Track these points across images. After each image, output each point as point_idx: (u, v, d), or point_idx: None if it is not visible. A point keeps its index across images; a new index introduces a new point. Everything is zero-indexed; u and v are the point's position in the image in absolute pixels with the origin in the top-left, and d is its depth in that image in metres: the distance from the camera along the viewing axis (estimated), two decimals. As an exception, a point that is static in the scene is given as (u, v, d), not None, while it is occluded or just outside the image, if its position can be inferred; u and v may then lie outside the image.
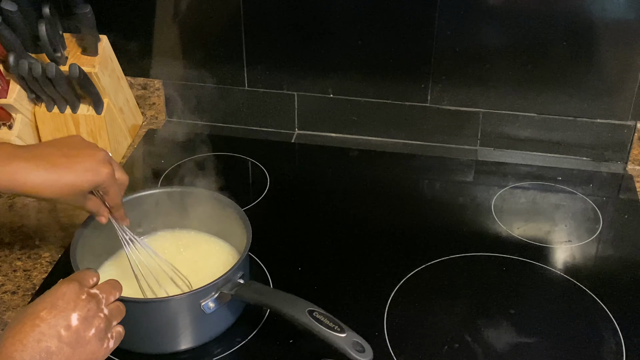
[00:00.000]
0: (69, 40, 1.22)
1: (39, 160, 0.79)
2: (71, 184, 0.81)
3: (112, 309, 0.74)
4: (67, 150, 0.82)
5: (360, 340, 0.80)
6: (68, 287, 0.70)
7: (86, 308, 0.70)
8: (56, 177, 0.79)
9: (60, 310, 0.68)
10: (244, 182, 1.24)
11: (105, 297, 0.73)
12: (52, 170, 0.79)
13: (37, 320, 0.66)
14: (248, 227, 0.93)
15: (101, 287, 0.74)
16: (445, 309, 0.96)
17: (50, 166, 0.79)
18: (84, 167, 0.81)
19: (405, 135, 1.33)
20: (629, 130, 1.25)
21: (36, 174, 0.78)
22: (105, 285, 0.75)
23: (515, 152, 1.30)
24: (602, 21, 1.16)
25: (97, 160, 0.83)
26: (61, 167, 0.80)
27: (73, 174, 0.80)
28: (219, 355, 0.89)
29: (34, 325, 0.66)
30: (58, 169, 0.80)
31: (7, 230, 1.09)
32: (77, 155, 0.82)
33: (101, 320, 0.71)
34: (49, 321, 0.67)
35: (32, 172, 0.78)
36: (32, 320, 0.66)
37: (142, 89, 1.36)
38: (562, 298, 0.99)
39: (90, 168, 0.82)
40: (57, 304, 0.68)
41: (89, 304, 0.70)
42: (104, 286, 0.74)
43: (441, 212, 1.16)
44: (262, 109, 1.35)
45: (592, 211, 1.16)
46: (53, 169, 0.79)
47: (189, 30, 1.29)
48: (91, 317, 0.70)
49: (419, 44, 1.22)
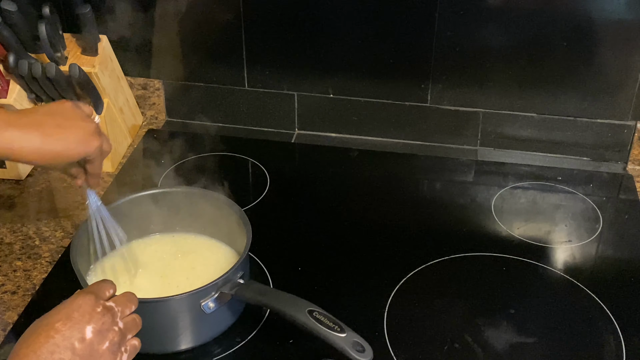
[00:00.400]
0: (69, 40, 1.22)
1: (34, 130, 0.83)
2: (63, 153, 0.85)
3: (128, 322, 0.73)
4: (61, 120, 0.86)
5: (360, 340, 0.80)
6: (84, 299, 0.70)
7: (101, 321, 0.69)
8: (49, 147, 0.83)
9: (75, 322, 0.68)
10: (244, 182, 1.24)
11: (121, 310, 0.73)
12: (45, 140, 0.83)
13: (52, 332, 0.66)
14: (248, 227, 0.93)
15: (117, 300, 0.74)
16: (445, 309, 0.96)
17: (44, 136, 0.83)
18: (76, 138, 0.85)
19: (405, 135, 1.33)
20: (629, 130, 1.25)
21: (31, 143, 0.82)
22: (122, 298, 0.75)
23: (515, 152, 1.30)
24: (602, 21, 1.16)
25: (88, 132, 0.86)
26: (54, 137, 0.84)
27: (65, 144, 0.85)
28: (219, 355, 0.89)
29: (48, 336, 0.66)
30: (51, 138, 0.84)
31: (7, 230, 1.09)
32: (70, 126, 0.86)
33: (115, 334, 0.70)
34: (64, 333, 0.66)
35: (27, 140, 0.82)
36: (47, 332, 0.66)
37: (142, 89, 1.36)
38: (562, 298, 0.99)
39: (81, 140, 0.86)
40: (73, 315, 0.68)
41: (104, 317, 0.70)
42: (120, 299, 0.74)
43: (441, 212, 1.16)
44: (262, 109, 1.35)
45: (592, 211, 1.16)
46: (47, 139, 0.83)
47: (189, 30, 1.29)
48: (105, 330, 0.69)
49: (419, 44, 1.22)
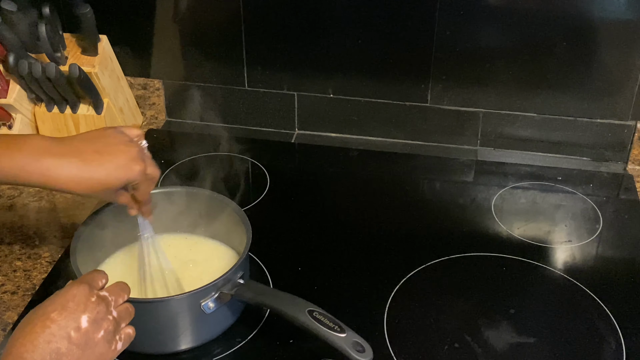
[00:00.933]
0: (69, 40, 1.22)
1: (71, 157, 0.79)
2: (103, 181, 0.80)
3: (121, 310, 0.74)
4: (100, 146, 0.81)
5: (360, 340, 0.80)
6: (78, 289, 0.70)
7: (95, 310, 0.70)
8: (88, 175, 0.79)
9: (70, 312, 0.68)
10: (244, 182, 1.23)
11: (114, 299, 0.74)
12: (83, 168, 0.79)
13: (48, 322, 0.67)
14: (248, 227, 0.93)
15: (110, 289, 0.74)
16: (445, 309, 0.96)
17: (82, 163, 0.79)
18: (117, 164, 0.81)
19: (405, 135, 1.33)
20: (629, 130, 1.25)
21: (68, 170, 0.78)
22: (114, 287, 0.75)
23: (515, 152, 1.30)
24: (602, 21, 1.16)
25: (129, 156, 0.82)
26: (93, 164, 0.79)
27: (105, 171, 0.80)
28: (219, 355, 0.89)
29: (44, 326, 0.66)
30: (90, 165, 0.79)
31: (7, 230, 1.09)
32: (109, 152, 0.81)
33: (110, 323, 0.71)
34: (59, 322, 0.67)
35: (64, 168, 0.78)
36: (43, 322, 0.67)
37: (142, 89, 1.36)
38: (562, 298, 0.99)
39: (122, 165, 0.81)
40: (68, 305, 0.68)
41: (98, 306, 0.70)
42: (113, 288, 0.75)
43: (441, 212, 1.16)
44: (262, 109, 1.35)
45: (592, 211, 1.16)
46: (85, 166, 0.79)
47: (189, 30, 1.29)
48: (100, 319, 0.70)
49: (419, 44, 1.22)
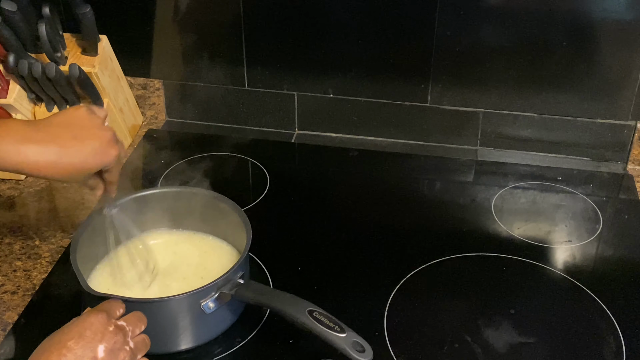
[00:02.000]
0: (69, 40, 1.22)
1: (49, 143, 0.79)
2: (80, 166, 0.81)
3: (138, 341, 0.74)
4: (77, 131, 0.82)
5: (360, 340, 0.80)
6: (96, 317, 0.70)
7: (113, 340, 0.70)
8: (66, 161, 0.80)
9: (87, 340, 0.68)
10: (244, 182, 1.24)
11: (132, 330, 0.74)
12: (62, 154, 0.80)
13: (64, 350, 0.66)
14: (248, 227, 0.93)
15: (128, 319, 0.74)
16: (445, 309, 0.96)
17: (60, 149, 0.80)
18: (93, 149, 0.82)
19: (405, 135, 1.33)
20: (629, 130, 1.25)
21: (47, 156, 0.79)
22: (132, 317, 0.75)
23: (515, 152, 1.30)
24: (602, 21, 1.16)
25: (105, 141, 0.83)
26: (71, 150, 0.80)
27: (83, 156, 0.81)
28: (219, 355, 0.89)
29: (60, 355, 0.66)
30: (68, 151, 0.80)
31: (7, 230, 1.09)
32: (86, 137, 0.82)
33: (127, 354, 0.71)
34: (76, 351, 0.67)
35: (43, 154, 0.79)
36: (59, 350, 0.66)
37: (142, 89, 1.36)
38: (562, 298, 0.99)
39: (99, 150, 0.82)
40: (85, 334, 0.68)
41: (116, 336, 0.70)
42: (131, 318, 0.75)
43: (441, 212, 1.16)
44: (262, 109, 1.35)
45: (592, 211, 1.16)
46: (63, 152, 0.80)
47: (189, 30, 1.29)
48: (117, 349, 0.70)
49: (419, 44, 1.22)
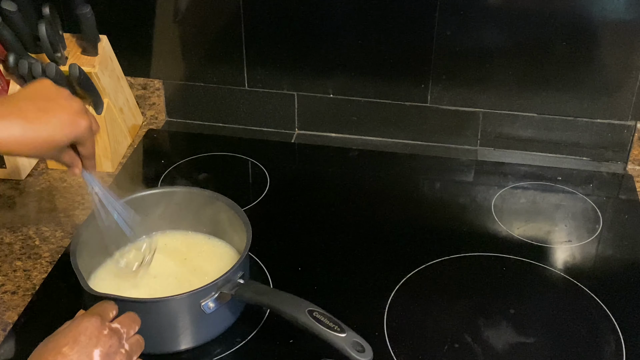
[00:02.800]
0: (69, 40, 1.22)
1: (13, 118, 0.74)
2: (49, 140, 0.76)
3: (132, 343, 0.73)
4: (42, 102, 0.77)
5: (360, 340, 0.80)
6: (90, 321, 0.69)
7: (108, 344, 0.69)
8: (34, 135, 0.75)
9: (82, 346, 0.67)
10: (244, 182, 1.23)
11: (126, 332, 0.73)
12: (27, 127, 0.74)
13: (59, 357, 0.66)
14: (248, 227, 0.93)
15: (122, 321, 0.74)
16: (445, 309, 0.96)
17: (25, 123, 0.74)
18: (61, 120, 0.77)
19: (405, 135, 1.33)
20: (629, 130, 1.25)
21: (10, 132, 0.74)
22: (126, 319, 0.74)
23: (515, 152, 1.30)
24: (602, 21, 1.16)
25: (73, 111, 0.78)
26: (38, 123, 0.75)
27: (51, 129, 0.76)
28: (219, 355, 0.89)
29: None
30: (35, 125, 0.75)
31: (7, 230, 1.09)
32: (52, 108, 0.77)
33: (122, 357, 0.70)
34: (71, 357, 0.66)
35: (7, 130, 0.73)
36: (54, 356, 0.66)
37: (142, 89, 1.36)
38: (562, 298, 0.99)
39: (67, 121, 0.77)
40: (79, 339, 0.67)
41: (110, 340, 0.70)
42: (125, 320, 0.74)
43: (441, 212, 1.16)
44: (262, 109, 1.35)
45: (592, 211, 1.16)
46: (30, 126, 0.74)
47: (189, 30, 1.29)
48: (113, 353, 0.69)
49: (419, 44, 1.22)
